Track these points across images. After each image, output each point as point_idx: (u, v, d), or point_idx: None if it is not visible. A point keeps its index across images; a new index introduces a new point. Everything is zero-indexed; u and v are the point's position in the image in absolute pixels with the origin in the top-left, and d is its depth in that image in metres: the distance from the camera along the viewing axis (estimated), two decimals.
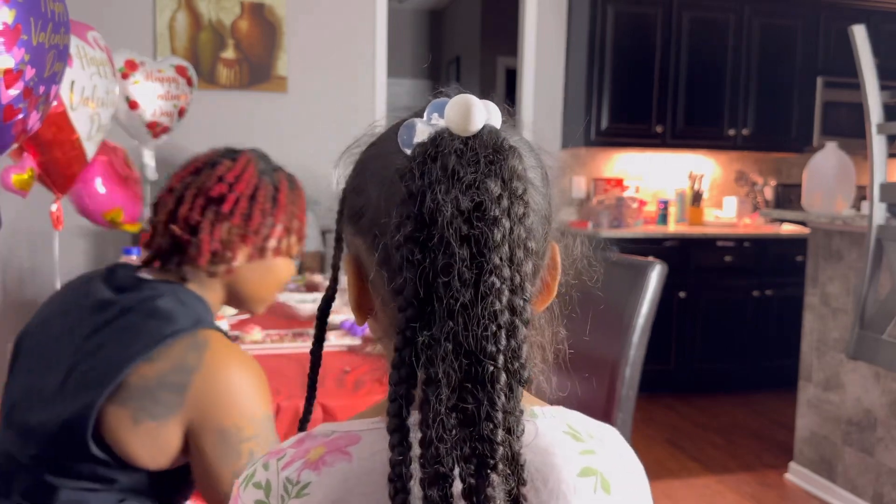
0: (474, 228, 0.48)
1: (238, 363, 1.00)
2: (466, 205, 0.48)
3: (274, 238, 1.13)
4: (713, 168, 4.56)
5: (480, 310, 0.48)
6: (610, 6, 3.97)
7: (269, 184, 1.14)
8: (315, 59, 3.84)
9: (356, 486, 0.53)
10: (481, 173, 0.49)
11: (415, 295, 0.48)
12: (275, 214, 1.13)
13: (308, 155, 3.74)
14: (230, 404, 0.97)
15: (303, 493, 0.54)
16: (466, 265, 0.48)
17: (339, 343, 1.90)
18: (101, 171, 2.36)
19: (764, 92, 4.21)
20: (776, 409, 3.73)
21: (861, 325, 2.35)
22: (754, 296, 3.96)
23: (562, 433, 0.57)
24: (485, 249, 0.48)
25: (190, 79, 2.92)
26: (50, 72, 1.30)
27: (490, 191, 0.49)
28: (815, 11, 4.22)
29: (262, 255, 1.13)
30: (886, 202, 2.29)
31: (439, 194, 0.48)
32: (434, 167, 0.49)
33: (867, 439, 2.60)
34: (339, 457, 0.55)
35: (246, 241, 1.10)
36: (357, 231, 0.59)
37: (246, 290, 1.15)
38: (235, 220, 1.09)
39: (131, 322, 1.00)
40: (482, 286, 0.48)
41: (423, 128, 0.52)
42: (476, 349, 0.48)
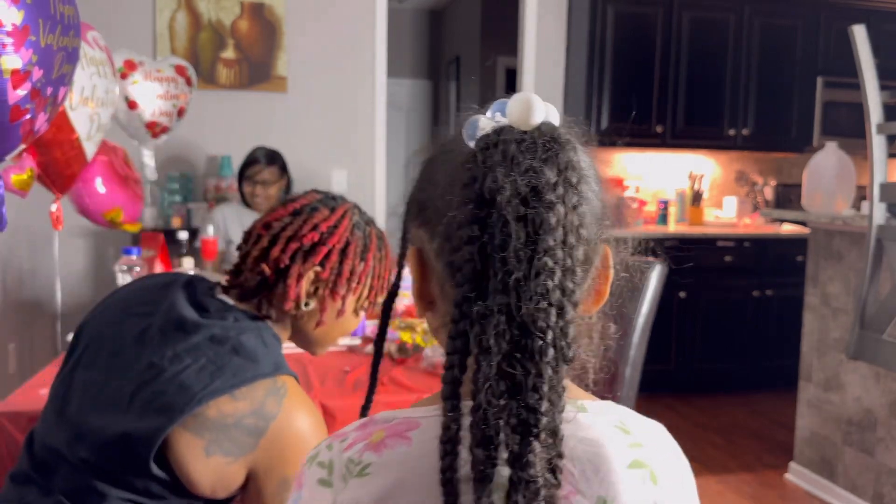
0: (530, 210, 0.52)
1: (310, 415, 1.01)
2: (524, 188, 0.52)
3: (355, 296, 1.16)
4: (713, 168, 4.56)
5: (533, 286, 0.51)
6: (610, 6, 3.97)
7: (361, 239, 1.15)
8: (315, 59, 3.84)
9: (414, 468, 0.56)
10: (538, 160, 0.53)
11: (473, 270, 0.52)
12: (362, 272, 1.14)
13: (308, 155, 3.74)
14: (297, 454, 0.97)
15: (364, 473, 0.57)
16: (522, 243, 0.52)
17: (338, 343, 1.90)
18: (101, 170, 2.36)
19: (764, 92, 4.21)
20: (776, 409, 3.73)
21: (861, 325, 2.35)
22: (754, 296, 3.96)
23: (612, 427, 0.60)
24: (540, 230, 0.52)
25: (189, 78, 2.92)
26: (58, 73, 1.30)
27: (546, 176, 0.53)
28: (816, 11, 4.22)
29: (342, 310, 1.15)
30: (886, 202, 2.28)
31: (499, 176, 0.52)
32: (495, 153, 0.53)
33: (867, 439, 2.60)
34: (400, 441, 0.58)
35: (333, 297, 1.12)
36: (421, 223, 0.64)
37: (315, 336, 1.17)
38: (325, 273, 1.10)
39: (217, 354, 0.99)
40: (536, 264, 0.52)
41: (486, 122, 0.57)
42: (527, 323, 0.51)
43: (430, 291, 0.64)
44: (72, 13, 1.33)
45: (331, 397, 1.50)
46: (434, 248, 0.61)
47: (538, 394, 0.51)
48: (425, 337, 1.88)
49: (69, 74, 1.39)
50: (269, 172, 3.03)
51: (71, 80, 1.42)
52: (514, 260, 0.52)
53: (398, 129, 6.35)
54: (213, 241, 2.80)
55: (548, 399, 0.51)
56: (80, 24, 1.50)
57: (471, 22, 5.68)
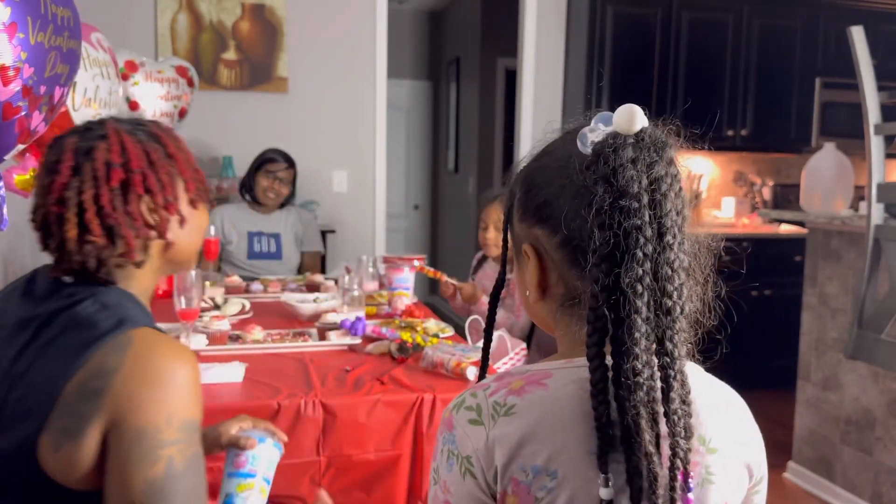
0: (654, 197, 0.66)
1: (167, 360, 0.89)
2: (645, 181, 0.65)
3: (191, 191, 1.05)
4: (712, 168, 4.58)
5: (663, 258, 0.66)
6: (609, 7, 3.98)
7: (150, 139, 1.03)
8: (316, 59, 3.85)
9: (552, 408, 0.69)
10: (653, 158, 0.66)
11: (612, 251, 0.65)
12: (178, 168, 1.04)
13: (308, 155, 3.75)
14: (152, 402, 0.86)
15: (510, 413, 0.69)
16: (649, 225, 0.65)
17: (339, 342, 1.91)
18: None
19: (763, 92, 4.22)
20: (775, 408, 3.74)
21: (859, 324, 2.36)
22: (753, 296, 3.97)
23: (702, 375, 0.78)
24: (661, 213, 0.66)
25: (191, 79, 2.93)
26: (51, 73, 1.31)
27: (659, 170, 0.66)
28: (814, 12, 4.23)
29: (188, 215, 1.05)
30: (884, 202, 2.29)
31: (629, 172, 0.65)
32: (619, 156, 0.66)
33: (866, 438, 2.61)
34: (537, 387, 0.70)
35: (170, 210, 1.01)
36: (538, 222, 0.75)
37: (181, 256, 1.07)
38: (157, 197, 0.99)
39: (51, 337, 0.90)
40: (663, 239, 0.66)
41: (594, 133, 0.69)
42: (663, 286, 0.66)
43: (546, 278, 0.76)
44: (67, 15, 1.33)
45: (331, 396, 1.52)
46: (557, 241, 0.73)
47: (672, 342, 0.67)
48: (425, 337, 1.89)
49: (66, 75, 1.39)
50: (286, 172, 3.10)
51: (69, 81, 1.43)
52: (643, 238, 0.65)
53: (398, 129, 6.35)
54: (214, 241, 2.81)
55: (679, 347, 0.67)
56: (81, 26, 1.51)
57: (471, 23, 5.69)
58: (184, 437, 0.88)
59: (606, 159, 0.66)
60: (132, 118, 1.07)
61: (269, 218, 3.15)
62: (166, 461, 0.86)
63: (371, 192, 4.01)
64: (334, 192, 3.95)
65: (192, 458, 0.89)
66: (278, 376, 1.63)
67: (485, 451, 0.69)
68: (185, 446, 0.88)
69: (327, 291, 2.53)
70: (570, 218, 0.70)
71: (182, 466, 0.87)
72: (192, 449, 0.89)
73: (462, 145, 6.02)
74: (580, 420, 0.67)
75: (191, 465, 0.88)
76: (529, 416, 0.68)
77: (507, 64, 5.40)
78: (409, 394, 1.55)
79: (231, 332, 1.92)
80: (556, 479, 0.67)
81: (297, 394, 1.51)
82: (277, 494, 1.46)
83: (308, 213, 3.30)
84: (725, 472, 0.72)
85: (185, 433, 0.88)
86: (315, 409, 1.48)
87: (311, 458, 1.47)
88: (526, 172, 0.78)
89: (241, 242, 3.09)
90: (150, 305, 1.05)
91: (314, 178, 3.82)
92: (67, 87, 1.47)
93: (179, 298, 1.73)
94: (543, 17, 4.13)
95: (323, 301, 2.26)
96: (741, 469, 0.74)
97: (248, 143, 3.67)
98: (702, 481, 0.70)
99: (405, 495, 1.52)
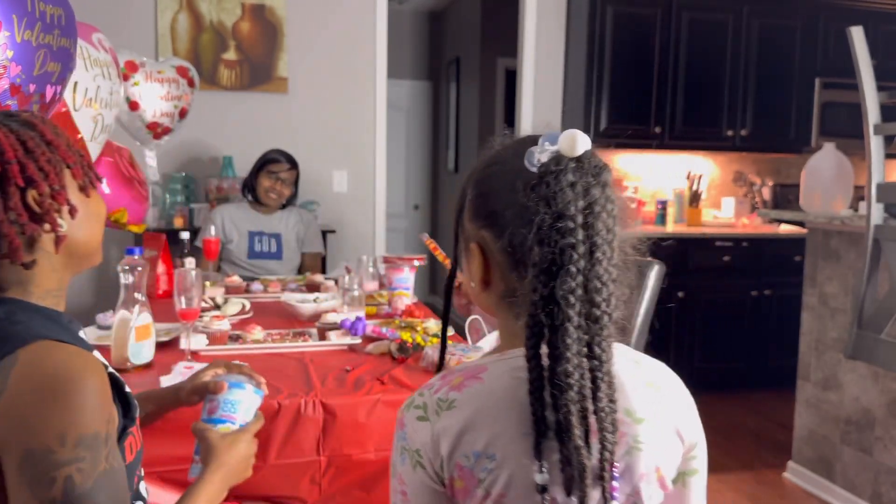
0: (587, 218, 0.73)
1: (58, 375, 0.81)
2: (581, 203, 0.73)
3: (79, 178, 0.96)
4: (711, 168, 4.58)
5: (594, 273, 0.73)
6: (609, 7, 3.98)
7: (25, 129, 0.93)
8: (316, 60, 3.85)
9: (487, 399, 0.77)
10: (589, 183, 0.74)
11: (550, 263, 0.72)
12: (59, 154, 0.94)
13: (308, 155, 3.75)
14: (40, 423, 0.79)
15: (452, 406, 0.77)
16: (583, 243, 0.72)
17: (339, 342, 1.92)
18: (106, 171, 2.37)
19: (762, 93, 4.23)
20: (775, 408, 3.74)
21: (859, 324, 2.37)
22: (753, 296, 3.97)
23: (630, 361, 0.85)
24: (593, 232, 0.73)
25: (191, 79, 2.93)
26: (41, 71, 1.30)
27: (595, 194, 0.73)
28: (814, 12, 4.23)
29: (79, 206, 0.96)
30: (884, 202, 2.30)
31: (567, 196, 0.72)
32: (561, 179, 0.73)
33: (865, 438, 2.61)
34: (474, 380, 0.78)
35: (59, 200, 0.92)
36: (486, 226, 0.83)
37: (80, 249, 0.98)
38: (40, 187, 0.90)
39: None
40: (594, 256, 0.73)
41: (541, 152, 0.76)
42: (592, 298, 0.73)
43: (489, 275, 0.84)
44: (58, 13, 1.32)
45: (332, 396, 1.52)
46: (501, 246, 0.80)
47: (600, 347, 0.73)
48: (425, 336, 1.89)
49: (58, 73, 1.38)
50: (289, 174, 3.11)
51: (62, 79, 1.42)
52: (577, 255, 0.72)
53: (398, 129, 6.36)
54: (214, 241, 2.81)
55: (606, 351, 0.74)
56: (82, 26, 1.51)
57: (471, 23, 5.69)
58: (85, 454, 0.80)
59: (548, 183, 0.73)
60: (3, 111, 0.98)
61: (270, 218, 3.15)
62: (63, 482, 0.79)
63: (371, 192, 4.01)
64: (334, 192, 3.95)
65: (102, 475, 0.81)
66: (278, 376, 1.63)
67: (431, 444, 0.77)
68: (89, 464, 0.80)
69: (327, 291, 2.53)
70: (513, 231, 0.78)
71: (86, 485, 0.80)
72: (101, 465, 0.81)
73: (462, 145, 6.03)
74: (514, 407, 0.75)
75: (99, 483, 0.81)
76: (468, 407, 0.77)
77: (507, 64, 5.40)
78: (409, 394, 1.54)
79: (231, 332, 1.93)
80: (496, 461, 0.75)
81: (298, 393, 1.51)
82: (278, 494, 1.46)
83: (309, 214, 3.30)
84: (653, 439, 0.80)
85: (88, 450, 0.80)
86: (315, 408, 1.49)
87: (311, 458, 1.48)
88: (479, 177, 0.86)
89: (242, 242, 3.09)
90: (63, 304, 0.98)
91: (314, 179, 3.83)
92: (61, 85, 1.46)
93: (179, 298, 1.73)
94: (543, 17, 4.13)
95: (323, 301, 2.27)
96: (671, 436, 0.82)
97: (249, 144, 3.68)
98: (630, 449, 0.78)
99: None
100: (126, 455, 0.93)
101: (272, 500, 1.46)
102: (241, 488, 1.42)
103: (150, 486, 1.29)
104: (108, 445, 0.83)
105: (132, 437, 0.96)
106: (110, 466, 0.83)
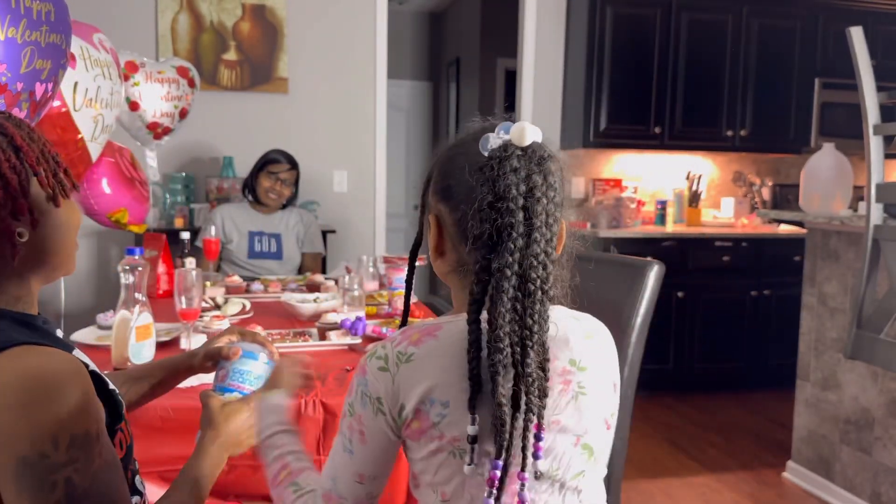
0: (527, 201, 0.80)
1: (40, 378, 0.80)
2: (523, 187, 0.80)
3: (47, 186, 0.91)
4: (711, 169, 4.58)
5: (530, 251, 0.80)
6: (609, 8, 3.99)
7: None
8: (316, 60, 3.86)
9: (441, 353, 0.85)
10: (532, 170, 0.81)
11: (489, 239, 0.80)
12: (28, 161, 0.89)
13: (309, 155, 3.76)
14: (30, 428, 0.78)
15: (410, 360, 0.86)
16: (521, 223, 0.80)
17: (339, 342, 1.92)
18: (107, 172, 2.37)
19: (762, 93, 4.23)
20: (774, 408, 3.75)
21: (858, 324, 2.37)
22: (752, 296, 3.97)
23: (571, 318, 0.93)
24: (532, 214, 0.80)
25: (192, 80, 2.93)
26: (28, 68, 1.29)
27: (536, 180, 0.81)
28: (814, 13, 4.24)
29: (45, 216, 0.91)
30: (883, 202, 2.30)
31: (509, 180, 0.80)
32: (505, 164, 0.80)
33: (865, 438, 2.62)
34: (430, 337, 0.87)
35: (19, 210, 0.87)
36: (442, 200, 0.91)
37: (45, 260, 0.93)
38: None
39: None
40: (531, 236, 0.80)
41: (494, 139, 0.83)
42: (526, 274, 0.80)
43: (443, 246, 0.93)
44: (46, 9, 1.29)
45: (332, 395, 1.52)
46: (454, 219, 0.89)
47: (531, 318, 0.80)
48: None
49: (48, 70, 1.36)
50: (289, 174, 3.11)
51: (52, 76, 1.40)
52: (515, 234, 0.80)
53: (398, 130, 6.36)
54: (215, 241, 2.82)
55: (538, 323, 0.81)
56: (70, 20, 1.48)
57: (471, 24, 5.70)
58: (79, 454, 0.80)
59: (493, 167, 0.81)
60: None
61: (270, 218, 3.15)
62: (64, 485, 0.79)
63: (371, 192, 4.02)
64: (335, 193, 3.96)
65: (98, 472, 0.82)
66: None
67: (392, 392, 0.86)
68: (84, 463, 0.80)
69: (327, 291, 2.54)
70: (462, 207, 0.86)
71: (85, 484, 0.80)
72: (96, 461, 0.82)
73: None
74: (463, 363, 0.82)
75: (97, 480, 0.81)
76: (424, 360, 0.85)
77: (507, 64, 5.41)
78: None
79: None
80: (448, 407, 0.84)
81: (298, 393, 1.51)
82: None
83: (309, 214, 3.30)
84: (595, 386, 0.90)
85: (81, 449, 0.80)
86: (315, 408, 1.49)
87: (311, 458, 1.48)
88: (445, 156, 0.94)
89: (242, 242, 3.10)
90: (35, 307, 0.96)
91: (315, 179, 3.83)
92: (52, 82, 1.44)
93: (180, 298, 1.74)
94: (543, 17, 4.14)
95: (323, 301, 2.27)
96: (608, 385, 0.93)
97: (249, 144, 3.68)
98: (575, 395, 0.88)
99: (405, 494, 1.53)
100: (116, 452, 0.93)
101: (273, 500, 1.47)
102: (242, 488, 1.42)
103: (151, 486, 1.30)
104: (100, 441, 0.84)
105: (121, 433, 0.96)
106: (104, 461, 0.83)
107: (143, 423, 1.36)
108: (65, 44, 1.45)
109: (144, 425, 1.37)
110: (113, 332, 1.61)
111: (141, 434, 1.26)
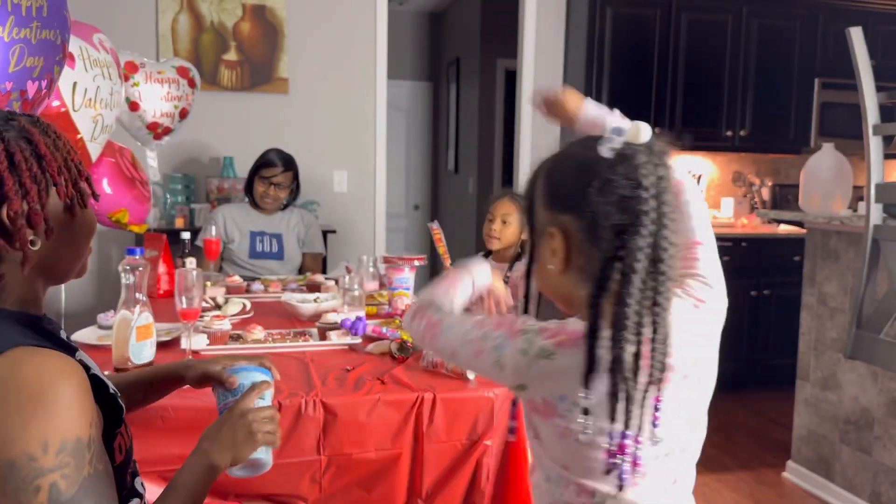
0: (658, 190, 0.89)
1: (36, 381, 0.80)
2: (653, 179, 0.90)
3: (65, 197, 0.91)
4: (711, 169, 4.58)
5: (660, 234, 0.89)
6: (609, 8, 3.99)
7: (18, 140, 0.88)
8: (316, 60, 3.86)
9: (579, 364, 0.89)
10: (657, 163, 0.91)
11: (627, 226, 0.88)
12: (50, 171, 0.89)
13: (309, 156, 3.76)
14: (21, 431, 0.78)
15: (550, 357, 0.92)
16: (654, 209, 0.89)
17: (339, 342, 1.92)
18: (108, 172, 2.37)
19: (762, 93, 4.23)
20: (774, 408, 3.75)
21: (858, 324, 2.37)
22: (752, 296, 3.97)
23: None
24: (661, 202, 0.90)
25: (192, 80, 2.93)
26: (18, 67, 1.27)
27: (662, 171, 0.91)
28: (813, 13, 4.24)
29: (61, 225, 0.91)
30: (883, 202, 2.30)
31: (644, 170, 0.90)
32: (636, 159, 0.90)
33: (864, 438, 2.62)
34: (573, 344, 0.91)
35: (34, 219, 0.87)
36: (563, 210, 0.96)
37: (56, 268, 0.94)
38: (14, 204, 0.85)
39: None
40: (661, 221, 0.89)
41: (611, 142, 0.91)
42: (659, 256, 0.89)
43: (571, 255, 0.96)
44: (37, 4, 1.25)
45: (332, 395, 1.52)
46: (581, 225, 0.93)
47: (664, 297, 0.89)
48: None
49: (40, 68, 1.33)
50: (283, 177, 3.09)
51: (45, 73, 1.36)
52: (648, 220, 0.88)
53: (398, 130, 6.36)
54: (215, 241, 2.82)
55: (668, 300, 0.89)
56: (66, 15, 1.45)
57: (471, 24, 5.70)
58: (70, 459, 0.79)
59: (627, 161, 0.90)
60: (5, 112, 0.93)
61: (271, 218, 3.16)
62: (48, 490, 0.78)
63: (371, 192, 4.02)
64: (335, 193, 3.96)
65: (87, 480, 0.81)
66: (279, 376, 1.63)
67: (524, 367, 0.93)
68: (73, 469, 0.80)
69: (328, 291, 2.54)
70: (595, 205, 0.91)
71: (71, 491, 0.79)
72: (85, 469, 0.81)
73: (462, 146, 6.03)
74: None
75: (84, 487, 0.80)
76: (560, 363, 0.91)
77: (507, 64, 5.41)
78: (409, 393, 1.56)
79: (232, 332, 1.93)
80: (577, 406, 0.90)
81: (298, 393, 1.51)
82: (278, 493, 1.46)
83: (310, 215, 3.31)
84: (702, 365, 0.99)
85: (71, 455, 0.80)
86: (316, 408, 1.49)
87: (311, 458, 1.48)
88: (549, 168, 1.01)
89: (243, 242, 3.10)
90: (41, 308, 0.96)
91: (315, 179, 3.83)
92: (46, 79, 1.41)
93: (180, 298, 1.74)
94: (543, 17, 4.14)
95: (323, 301, 2.27)
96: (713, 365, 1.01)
97: (249, 144, 3.68)
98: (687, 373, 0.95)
99: (405, 493, 1.53)
100: (115, 456, 0.92)
101: (273, 499, 1.47)
102: (242, 488, 1.42)
103: (151, 486, 1.30)
104: (92, 449, 0.82)
105: (121, 437, 0.95)
106: (95, 470, 0.82)
107: (143, 422, 1.36)
108: (60, 39, 1.40)
109: (144, 425, 1.37)
110: (114, 332, 1.61)
111: (141, 434, 1.26)
